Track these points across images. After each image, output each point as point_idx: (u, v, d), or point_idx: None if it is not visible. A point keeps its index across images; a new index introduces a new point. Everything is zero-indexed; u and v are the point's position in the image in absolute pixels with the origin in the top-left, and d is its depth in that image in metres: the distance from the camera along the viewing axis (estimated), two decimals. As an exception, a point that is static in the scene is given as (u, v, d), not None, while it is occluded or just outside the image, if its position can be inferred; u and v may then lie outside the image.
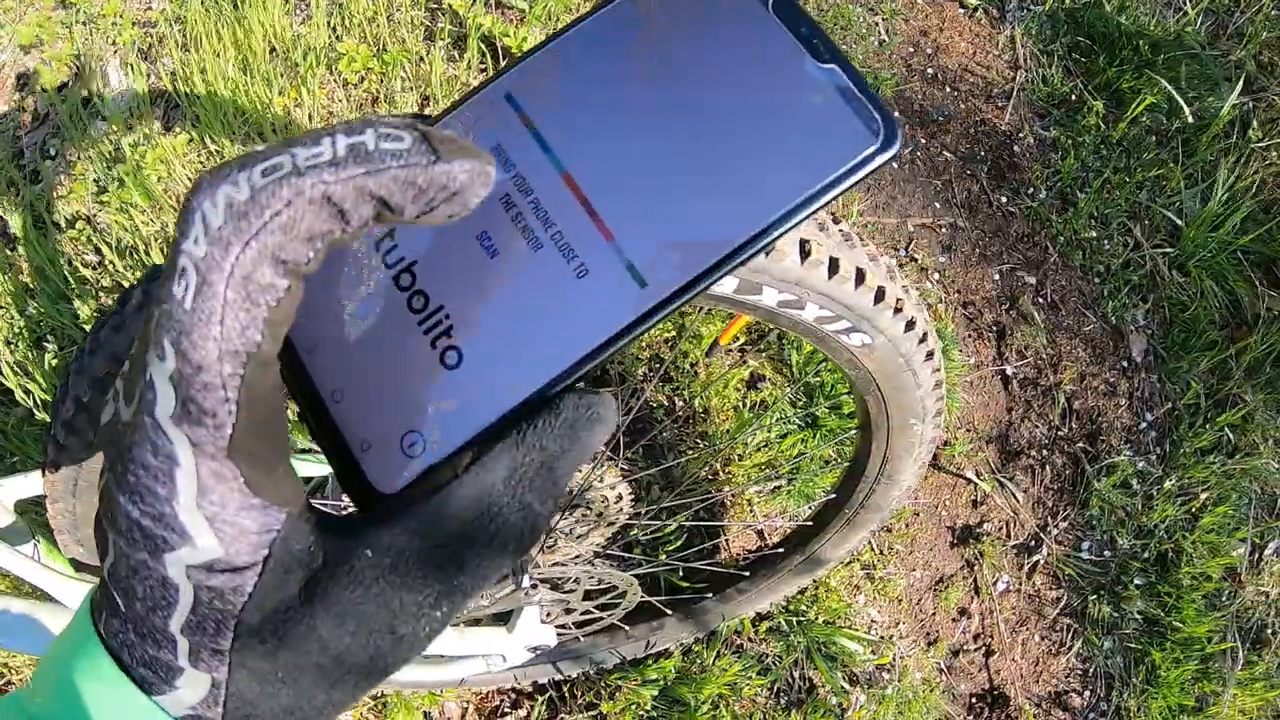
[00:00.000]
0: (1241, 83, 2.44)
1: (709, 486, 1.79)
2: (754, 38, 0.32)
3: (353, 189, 0.25)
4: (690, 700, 1.64)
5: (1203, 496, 2.01)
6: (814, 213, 0.31)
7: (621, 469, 1.72)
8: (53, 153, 1.99)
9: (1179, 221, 2.28)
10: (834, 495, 1.33)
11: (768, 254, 0.55)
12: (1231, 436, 2.06)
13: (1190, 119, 2.38)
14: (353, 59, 2.01)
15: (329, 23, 2.11)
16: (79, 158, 1.94)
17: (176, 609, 0.28)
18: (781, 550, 1.47)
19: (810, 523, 1.40)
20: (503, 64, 0.29)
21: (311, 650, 0.29)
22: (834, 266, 0.80)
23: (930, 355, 1.01)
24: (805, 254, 0.77)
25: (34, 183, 1.95)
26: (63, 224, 1.87)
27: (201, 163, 1.93)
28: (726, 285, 0.76)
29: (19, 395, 1.63)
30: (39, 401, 1.62)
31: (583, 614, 1.42)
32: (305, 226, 0.25)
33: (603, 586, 1.38)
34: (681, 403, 1.81)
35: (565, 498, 1.26)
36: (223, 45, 2.00)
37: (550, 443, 0.30)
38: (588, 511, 1.33)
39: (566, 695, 1.65)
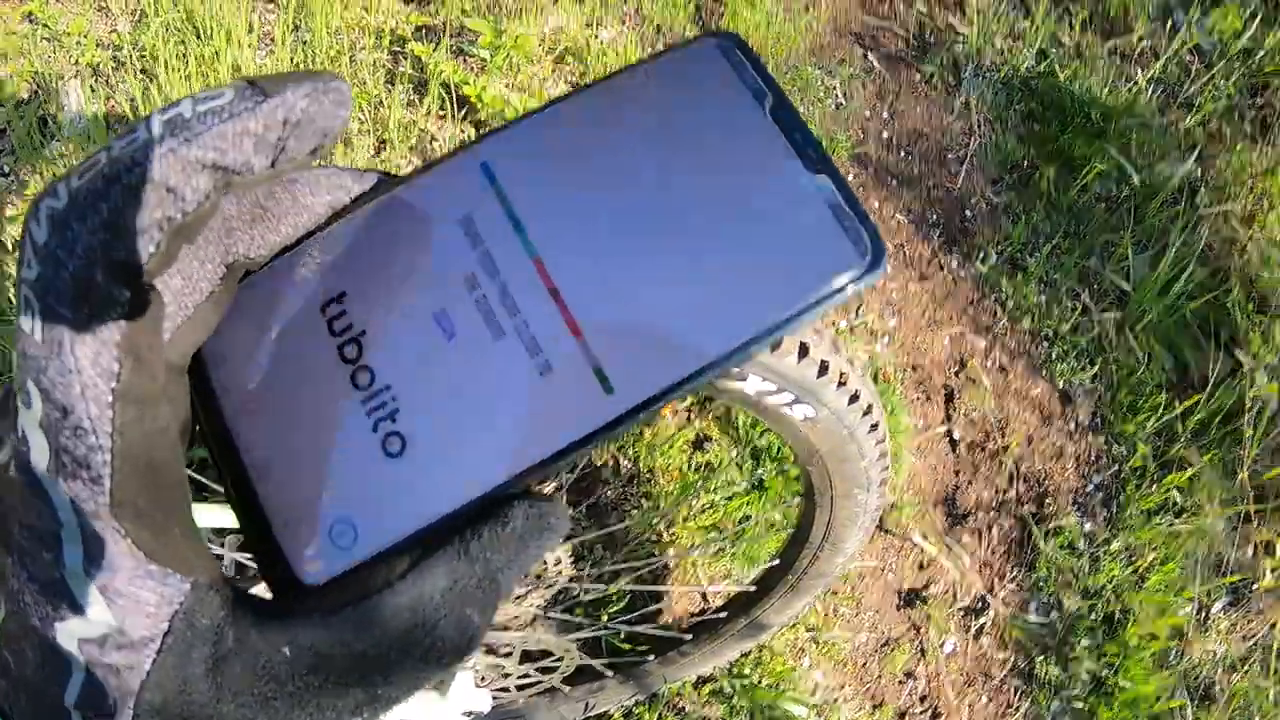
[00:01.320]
0: (1192, 152, 2.51)
1: (653, 548, 1.77)
2: (748, 140, 0.31)
3: (175, 162, 0.23)
4: (630, 765, 1.61)
5: (1149, 556, 2.02)
6: (794, 328, 0.30)
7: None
8: (5, 170, 1.96)
9: (1127, 286, 2.32)
10: (778, 561, 1.32)
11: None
12: (1178, 497, 2.08)
13: (1139, 185, 2.43)
14: None
15: (292, 59, 2.10)
16: (32, 178, 1.91)
17: (70, 683, 0.25)
18: (724, 614, 1.45)
19: (754, 587, 1.39)
20: (484, 129, 0.26)
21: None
22: (776, 341, 0.80)
23: (875, 427, 1.01)
24: (747, 328, 0.77)
25: None
26: (10, 245, 1.83)
27: None
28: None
29: None
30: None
31: (520, 677, 1.39)
32: (132, 219, 0.23)
33: (541, 649, 1.35)
34: (627, 462, 1.80)
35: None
36: (186, 74, 1.99)
37: (495, 555, 0.28)
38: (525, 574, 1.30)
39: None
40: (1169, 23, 2.89)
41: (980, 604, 1.96)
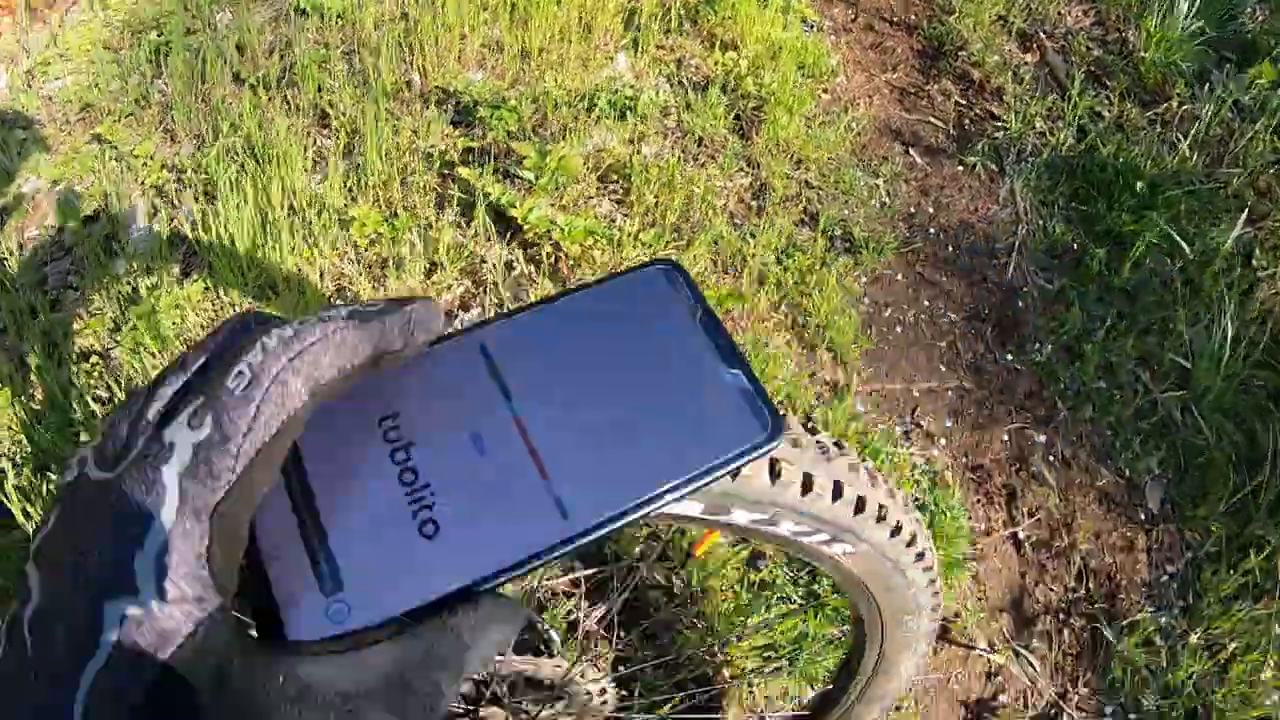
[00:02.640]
0: (1243, 213, 2.47)
1: (707, 669, 1.74)
2: (681, 340, 0.41)
3: (361, 334, 0.33)
4: None
5: (1231, 646, 1.93)
6: (710, 482, 0.38)
7: (616, 650, 1.68)
8: (74, 285, 2.04)
9: (1187, 364, 2.27)
10: (830, 687, 1.29)
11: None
12: (1258, 579, 1.99)
13: (1192, 256, 2.39)
14: (364, 223, 2.07)
15: (345, 184, 2.18)
16: (98, 293, 1.99)
17: (92, 660, 0.28)
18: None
19: (807, 713, 1.36)
20: (488, 316, 0.40)
21: None
22: (808, 484, 0.79)
23: (921, 556, 0.99)
24: (775, 474, 0.76)
25: (54, 311, 2.00)
26: (76, 356, 1.90)
27: (215, 312, 1.98)
28: (692, 508, 0.75)
29: (19, 518, 1.64)
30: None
31: None
32: (331, 357, 0.32)
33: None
34: (680, 582, 1.78)
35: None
36: (242, 198, 2.06)
37: (466, 633, 0.33)
38: (569, 706, 1.29)
39: None
40: (1206, 84, 2.88)
41: (1054, 711, 1.88)
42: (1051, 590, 2.01)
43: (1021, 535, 2.06)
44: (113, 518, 0.29)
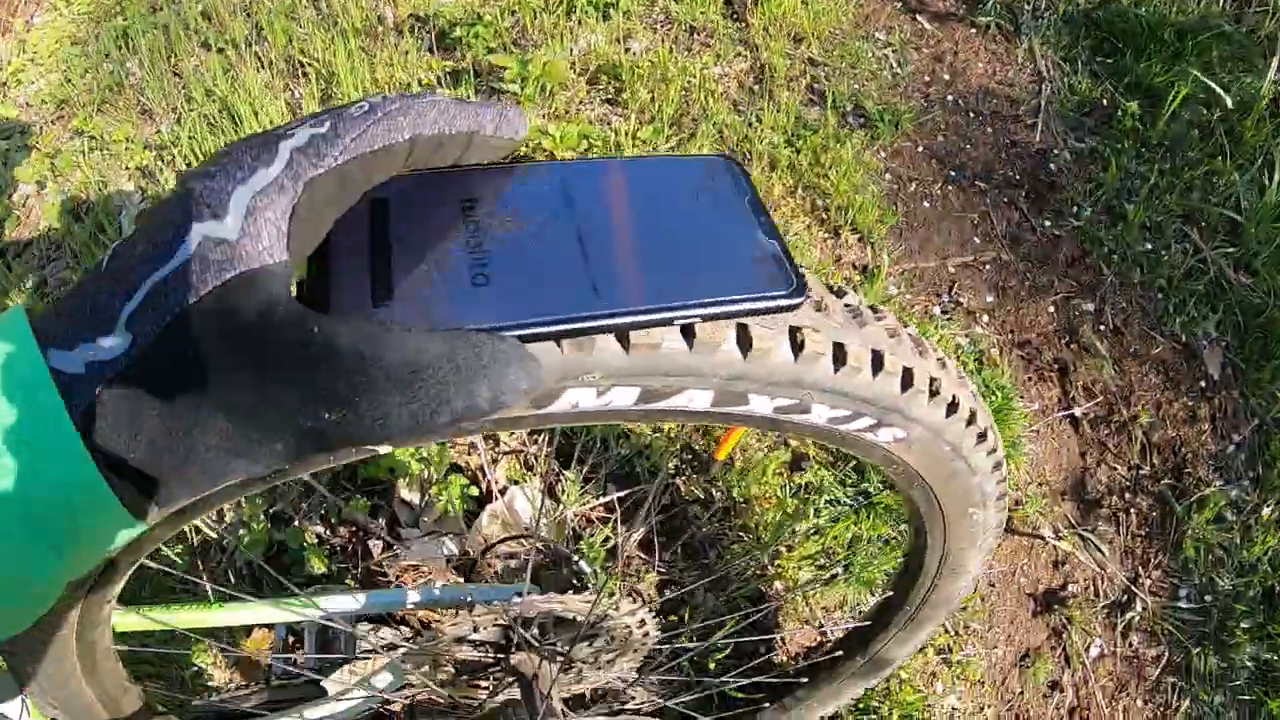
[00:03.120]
0: (1277, 56, 2.27)
1: (758, 584, 1.62)
2: (729, 211, 0.47)
3: (460, 109, 0.39)
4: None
5: (1306, 517, 1.79)
6: (736, 315, 0.43)
7: (659, 573, 1.57)
8: (73, 280, 1.95)
9: (1238, 217, 2.09)
10: (891, 594, 1.16)
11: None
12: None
13: (1230, 104, 2.20)
14: None
15: None
16: None
17: (158, 270, 0.32)
18: (840, 653, 1.30)
19: (869, 622, 1.23)
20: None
21: (228, 366, 0.32)
22: (840, 355, 0.64)
23: (983, 436, 0.85)
24: (798, 346, 0.61)
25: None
26: None
27: None
28: (699, 401, 0.60)
29: None
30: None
31: None
32: (434, 116, 0.37)
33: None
34: (719, 494, 1.65)
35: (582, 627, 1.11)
36: None
37: (485, 354, 0.35)
38: (609, 643, 1.17)
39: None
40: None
41: (1126, 597, 1.75)
42: (1114, 469, 1.86)
43: (1078, 413, 1.91)
44: (224, 164, 0.34)
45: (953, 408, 0.78)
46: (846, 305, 0.70)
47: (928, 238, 2.09)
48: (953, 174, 2.19)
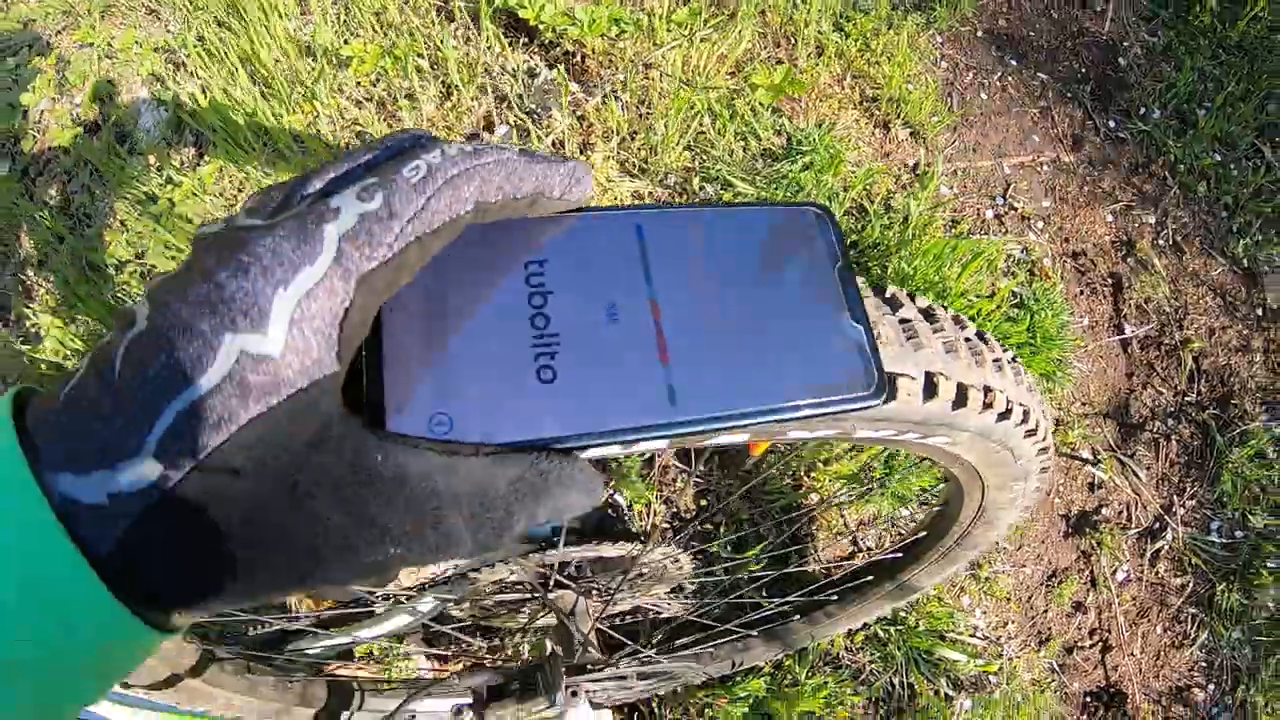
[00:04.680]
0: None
1: (794, 497, 1.63)
2: (817, 281, 0.42)
3: (529, 169, 0.35)
4: (783, 716, 1.51)
5: (1351, 465, 1.76)
6: (810, 419, 0.39)
7: (696, 480, 1.58)
8: (97, 196, 1.92)
9: (1318, 136, 1.98)
10: (925, 534, 1.18)
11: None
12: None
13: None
14: (362, 60, 1.83)
15: (340, 21, 1.94)
16: (120, 201, 1.86)
17: (190, 388, 0.28)
18: (870, 578, 1.33)
19: (899, 554, 1.25)
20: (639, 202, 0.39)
21: (283, 502, 0.30)
22: (890, 386, 0.63)
23: (1033, 431, 0.83)
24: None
25: (85, 228, 1.88)
26: (114, 269, 1.78)
27: (234, 192, 1.82)
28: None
29: None
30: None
31: (642, 690, 1.31)
32: (500, 179, 0.33)
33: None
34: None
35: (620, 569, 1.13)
36: (231, 64, 1.87)
37: (551, 479, 0.34)
38: (644, 575, 1.20)
39: (655, 710, 1.55)
40: None
41: (1157, 525, 1.75)
42: (1160, 393, 1.83)
43: (1128, 332, 1.86)
44: (258, 256, 0.29)
45: (1005, 414, 0.76)
46: (902, 321, 0.68)
47: (984, 134, 2.00)
48: (1014, 63, 2.08)
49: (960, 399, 0.69)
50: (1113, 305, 1.88)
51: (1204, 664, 1.70)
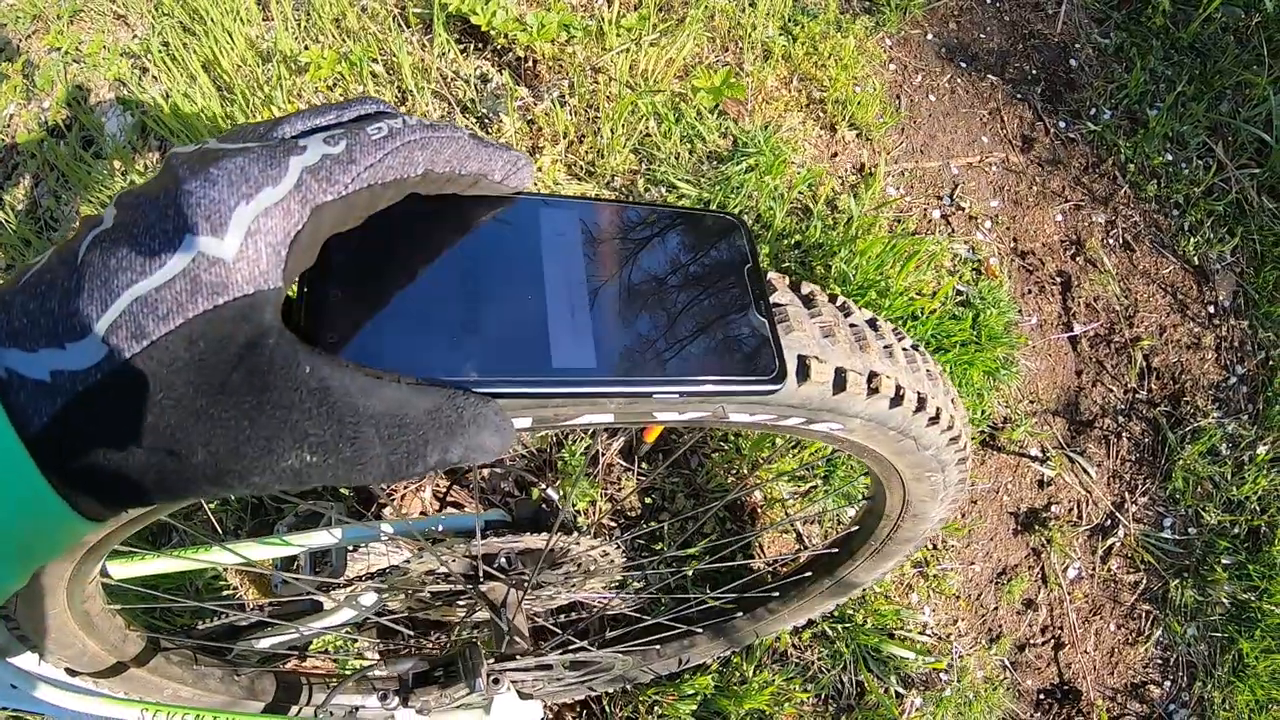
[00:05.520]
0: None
1: (739, 495, 1.63)
2: (728, 278, 0.46)
3: (476, 150, 0.38)
4: (731, 713, 1.52)
5: (1302, 462, 1.77)
6: (703, 398, 0.43)
7: (640, 476, 1.58)
8: (59, 196, 1.93)
9: (1268, 137, 2.00)
10: (857, 528, 1.18)
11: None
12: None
13: (1272, 10, 2.07)
14: (319, 65, 1.84)
15: (300, 27, 1.95)
16: (87, 203, 1.88)
17: (147, 280, 0.30)
18: (809, 574, 1.33)
19: (835, 549, 1.26)
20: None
21: (214, 398, 0.31)
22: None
23: (935, 419, 0.83)
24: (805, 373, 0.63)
25: (51, 232, 1.90)
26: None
27: None
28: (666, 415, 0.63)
29: None
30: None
31: (571, 682, 1.31)
32: (449, 154, 0.37)
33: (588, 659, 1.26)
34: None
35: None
36: (193, 71, 1.88)
37: (467, 414, 0.35)
38: (574, 569, 1.20)
39: (605, 708, 1.55)
40: None
41: (1109, 522, 1.75)
42: (1110, 391, 1.83)
43: (1078, 329, 1.87)
44: (228, 171, 0.31)
45: (897, 399, 0.76)
46: (774, 305, 0.69)
47: (932, 135, 2.01)
48: (963, 65, 2.09)
49: (839, 383, 0.69)
50: (1061, 303, 1.89)
51: (1159, 660, 1.71)
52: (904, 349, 0.79)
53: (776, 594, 1.41)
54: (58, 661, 0.85)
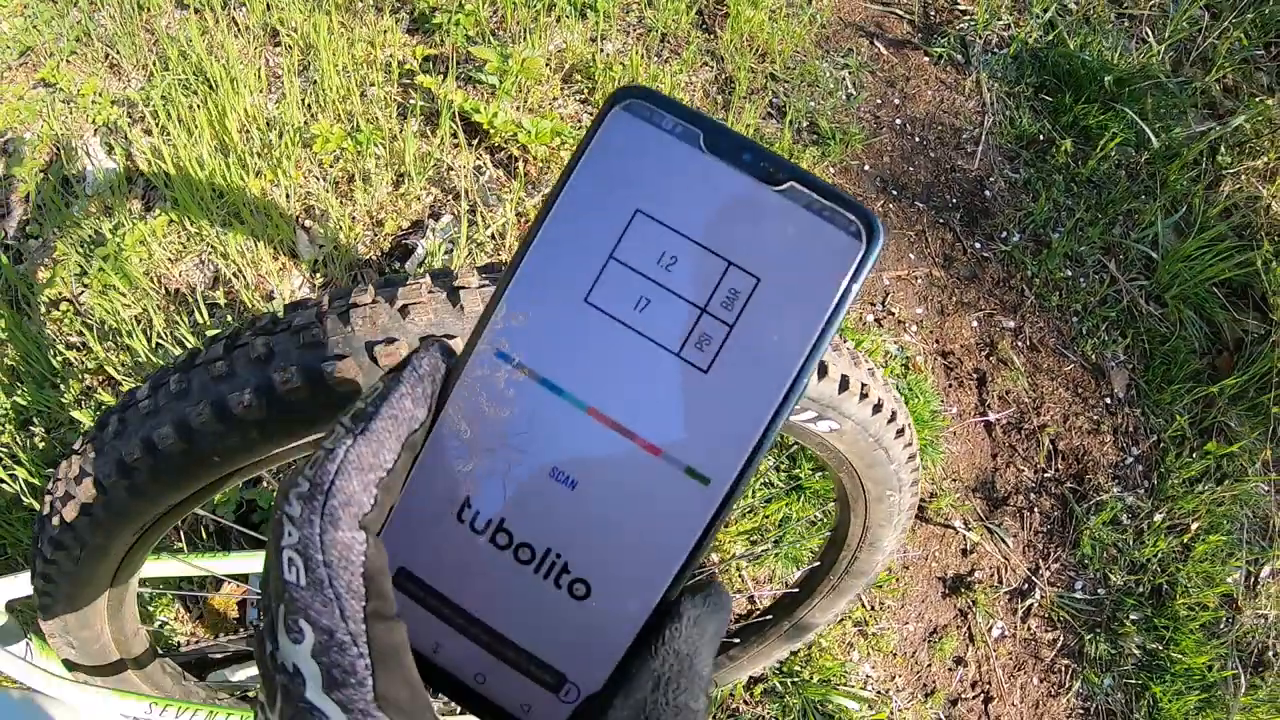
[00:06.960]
0: (1210, 110, 2.48)
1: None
2: (699, 184, 0.31)
3: (372, 443, 0.30)
4: (690, 768, 1.62)
5: (1194, 526, 2.01)
6: (834, 330, 0.30)
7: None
8: (35, 235, 1.99)
9: (1154, 254, 2.30)
10: (818, 563, 1.33)
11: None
12: (1219, 463, 2.07)
13: (1159, 150, 2.41)
14: (326, 139, 2.03)
15: (303, 102, 2.13)
16: (61, 240, 1.95)
17: None
18: (769, 617, 1.46)
19: (796, 589, 1.40)
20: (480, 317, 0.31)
21: None
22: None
23: (901, 432, 1.02)
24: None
25: (17, 263, 1.96)
26: (45, 307, 1.88)
27: (181, 244, 1.94)
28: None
29: (4, 480, 1.62)
30: (25, 486, 1.61)
31: None
32: (356, 482, 0.30)
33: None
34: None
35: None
36: (198, 127, 2.02)
37: (683, 645, 0.32)
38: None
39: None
40: (1178, -21, 2.86)
41: (1026, 585, 1.96)
42: (1021, 471, 2.07)
43: (992, 419, 2.11)
44: None
45: (878, 408, 0.94)
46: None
47: (869, 251, 2.27)
48: (894, 193, 2.37)
49: (843, 384, 0.88)
50: (978, 396, 2.13)
51: (1081, 710, 1.89)
52: (880, 373, 0.99)
53: (737, 640, 1.55)
54: (63, 647, 0.90)
